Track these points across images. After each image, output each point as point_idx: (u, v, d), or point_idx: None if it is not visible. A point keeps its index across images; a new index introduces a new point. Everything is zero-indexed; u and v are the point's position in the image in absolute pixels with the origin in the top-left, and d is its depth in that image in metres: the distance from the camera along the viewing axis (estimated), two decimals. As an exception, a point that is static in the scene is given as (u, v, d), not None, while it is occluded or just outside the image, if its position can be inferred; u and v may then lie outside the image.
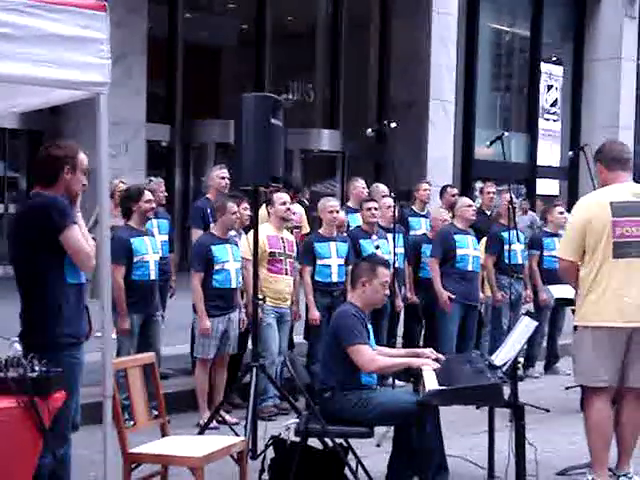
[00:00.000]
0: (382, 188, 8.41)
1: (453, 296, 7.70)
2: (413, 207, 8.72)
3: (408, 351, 5.48)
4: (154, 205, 6.56)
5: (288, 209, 6.95)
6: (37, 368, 3.52)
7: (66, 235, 3.84)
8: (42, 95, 3.94)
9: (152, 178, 8.30)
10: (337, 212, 7.27)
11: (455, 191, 9.05)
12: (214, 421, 5.79)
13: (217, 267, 6.41)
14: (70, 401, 3.80)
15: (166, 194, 7.89)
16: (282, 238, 6.87)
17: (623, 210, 4.89)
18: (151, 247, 6.43)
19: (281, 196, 6.89)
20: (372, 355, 4.85)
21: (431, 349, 5.26)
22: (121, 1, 11.53)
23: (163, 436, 4.52)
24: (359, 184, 8.33)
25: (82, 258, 3.88)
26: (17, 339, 3.72)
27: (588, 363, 4.95)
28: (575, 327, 5.09)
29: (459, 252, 7.74)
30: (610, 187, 5.03)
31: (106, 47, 3.65)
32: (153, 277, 6.40)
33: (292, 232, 7.29)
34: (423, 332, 8.27)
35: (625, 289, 4.83)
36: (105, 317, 3.79)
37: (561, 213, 8.49)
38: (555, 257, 7.01)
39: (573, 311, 5.43)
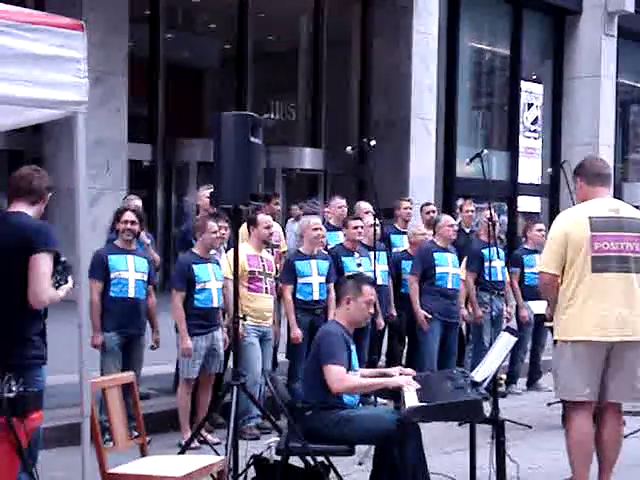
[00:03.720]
0: (364, 206, 8.44)
1: (430, 316, 7.72)
2: (395, 225, 8.76)
3: (379, 371, 5.45)
4: (132, 227, 6.45)
5: (271, 233, 6.95)
6: (14, 388, 3.50)
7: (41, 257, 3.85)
8: (18, 114, 3.93)
9: (128, 196, 8.30)
10: (320, 229, 7.28)
11: (432, 208, 9.10)
12: (196, 441, 5.76)
13: (198, 286, 6.40)
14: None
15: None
16: (261, 257, 6.87)
17: (602, 225, 4.91)
18: (133, 265, 6.41)
19: (266, 219, 6.89)
20: (342, 375, 4.81)
21: (400, 367, 5.25)
22: (102, 21, 11.56)
23: (143, 456, 4.49)
24: (341, 203, 8.36)
25: (36, 289, 3.84)
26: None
27: (569, 377, 4.94)
28: (555, 342, 5.09)
29: (438, 270, 7.77)
30: (589, 202, 5.05)
31: (83, 66, 3.65)
32: (132, 295, 6.37)
33: (273, 252, 7.29)
34: (405, 349, 8.28)
35: (604, 303, 4.84)
36: (81, 335, 3.76)
37: (539, 230, 8.54)
38: (536, 274, 7.05)
39: (550, 328, 5.44)
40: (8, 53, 3.39)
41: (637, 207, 5.40)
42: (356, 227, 7.53)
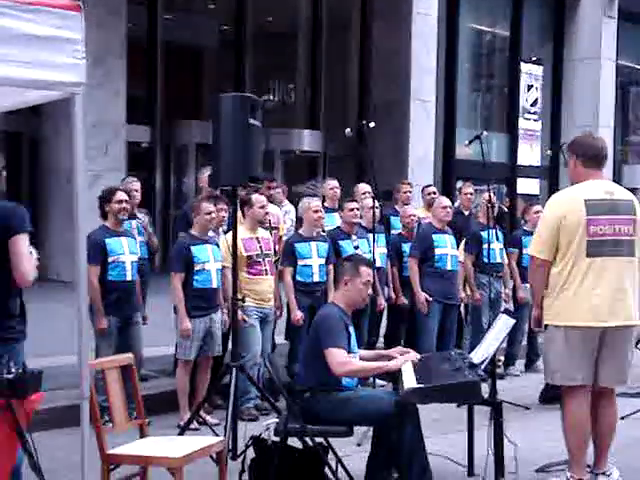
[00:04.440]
0: (362, 187, 8.43)
1: (430, 298, 7.74)
2: (395, 207, 8.76)
3: (377, 353, 5.47)
4: (126, 205, 6.51)
5: (266, 213, 6.95)
6: (13, 370, 3.51)
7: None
8: (16, 96, 3.92)
9: (127, 178, 8.28)
10: (320, 212, 7.28)
11: (432, 189, 9.10)
12: (195, 422, 5.78)
13: (197, 267, 6.41)
14: None
15: (138, 196, 7.72)
16: (257, 238, 6.86)
17: (597, 208, 4.85)
18: (128, 248, 6.41)
19: (260, 199, 6.89)
20: (343, 359, 4.82)
21: (400, 347, 5.27)
22: (100, 2, 11.47)
23: (142, 437, 4.51)
24: (333, 184, 8.35)
25: (25, 269, 3.86)
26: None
27: (561, 362, 4.92)
28: (546, 326, 5.02)
29: (437, 251, 7.79)
30: (584, 184, 4.98)
31: (81, 47, 3.63)
32: (129, 278, 6.39)
33: (271, 233, 7.30)
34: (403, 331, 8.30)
35: (598, 288, 4.80)
36: (81, 318, 3.77)
37: (537, 212, 8.53)
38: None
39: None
40: (6, 34, 3.38)
41: (635, 189, 5.38)
42: (352, 209, 7.52)
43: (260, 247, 6.83)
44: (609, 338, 4.86)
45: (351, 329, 5.06)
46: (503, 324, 5.11)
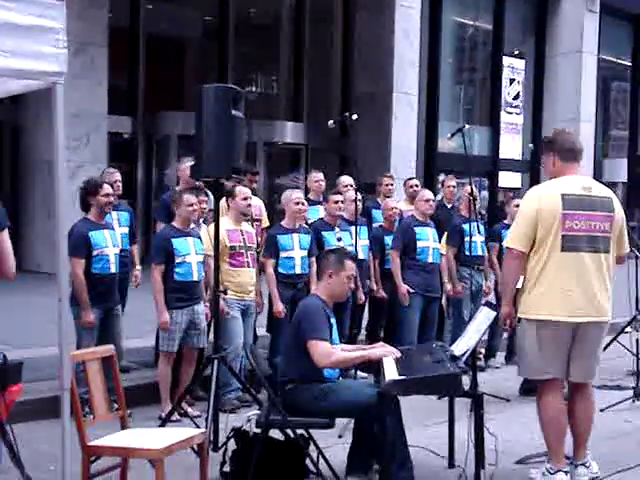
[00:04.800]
0: (344, 179, 8.43)
1: (412, 290, 7.76)
2: (377, 199, 8.76)
3: (358, 347, 5.48)
4: (112, 199, 6.50)
5: (249, 204, 6.94)
6: (-7, 361, 3.49)
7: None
8: (-3, 85, 3.89)
9: (106, 169, 8.23)
10: (303, 204, 7.28)
11: (415, 182, 9.11)
12: (176, 414, 5.78)
13: (178, 260, 6.38)
14: None
15: (119, 186, 7.67)
16: (241, 231, 6.86)
17: (574, 203, 4.86)
18: (111, 240, 6.39)
19: (244, 191, 6.88)
20: (328, 350, 4.83)
21: (381, 344, 5.28)
22: (82, -8, 11.42)
23: (123, 429, 4.50)
24: (318, 177, 8.35)
25: (11, 263, 3.85)
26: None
27: (533, 356, 4.93)
28: (519, 319, 5.02)
29: (419, 244, 7.80)
30: (561, 179, 4.99)
31: (62, 37, 3.60)
32: (113, 270, 6.36)
33: (253, 225, 7.29)
34: (384, 324, 8.32)
35: (572, 284, 4.81)
36: (61, 309, 3.75)
37: (517, 206, 8.55)
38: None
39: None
40: (-14, 22, 3.35)
41: (616, 184, 5.41)
42: (337, 202, 7.53)
43: (243, 239, 6.83)
44: (581, 334, 4.87)
45: (333, 321, 5.07)
46: (484, 317, 5.13)
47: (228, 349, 6.42)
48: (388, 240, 8.05)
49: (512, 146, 18.81)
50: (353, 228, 7.41)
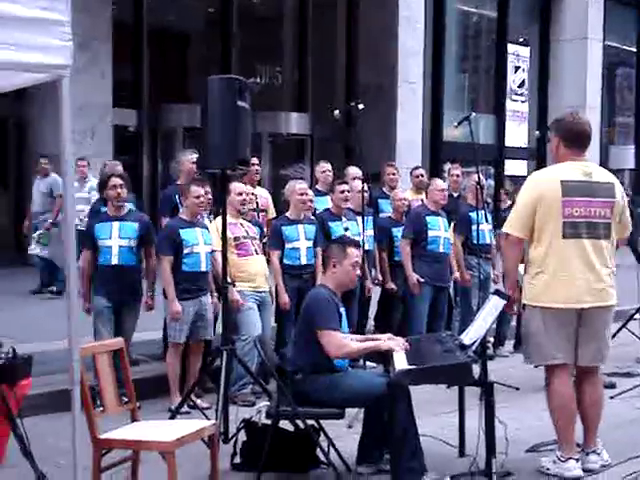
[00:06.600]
0: (353, 171, 8.41)
1: (422, 280, 7.73)
2: (383, 189, 8.74)
3: (367, 337, 5.47)
4: (120, 190, 6.50)
5: (244, 200, 6.87)
6: (3, 356, 3.49)
7: None
8: (2, 79, 3.87)
9: (106, 162, 8.25)
10: (307, 194, 7.25)
11: (421, 172, 9.08)
12: (186, 406, 5.78)
13: (186, 251, 6.38)
14: None
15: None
16: (241, 224, 6.83)
17: (573, 189, 4.83)
18: (117, 232, 6.40)
19: (238, 187, 6.82)
20: (341, 341, 4.84)
21: (389, 335, 5.27)
22: (86, -15, 11.39)
23: (133, 421, 4.50)
24: (325, 167, 8.33)
25: None
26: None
27: (540, 343, 4.93)
28: (524, 306, 5.04)
29: (430, 234, 7.77)
30: (563, 165, 4.95)
31: (68, 29, 3.58)
32: (116, 262, 6.39)
33: (258, 215, 7.25)
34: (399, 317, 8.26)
35: (574, 270, 4.80)
36: (71, 302, 3.74)
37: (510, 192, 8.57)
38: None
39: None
40: (-10, 16, 3.33)
41: (622, 170, 5.38)
42: (343, 192, 7.50)
43: (246, 231, 6.81)
44: (587, 318, 4.87)
45: (342, 310, 5.06)
46: (493, 305, 5.11)
47: (246, 340, 6.44)
48: (396, 232, 8.01)
49: (518, 134, 18.74)
50: (360, 218, 7.39)
